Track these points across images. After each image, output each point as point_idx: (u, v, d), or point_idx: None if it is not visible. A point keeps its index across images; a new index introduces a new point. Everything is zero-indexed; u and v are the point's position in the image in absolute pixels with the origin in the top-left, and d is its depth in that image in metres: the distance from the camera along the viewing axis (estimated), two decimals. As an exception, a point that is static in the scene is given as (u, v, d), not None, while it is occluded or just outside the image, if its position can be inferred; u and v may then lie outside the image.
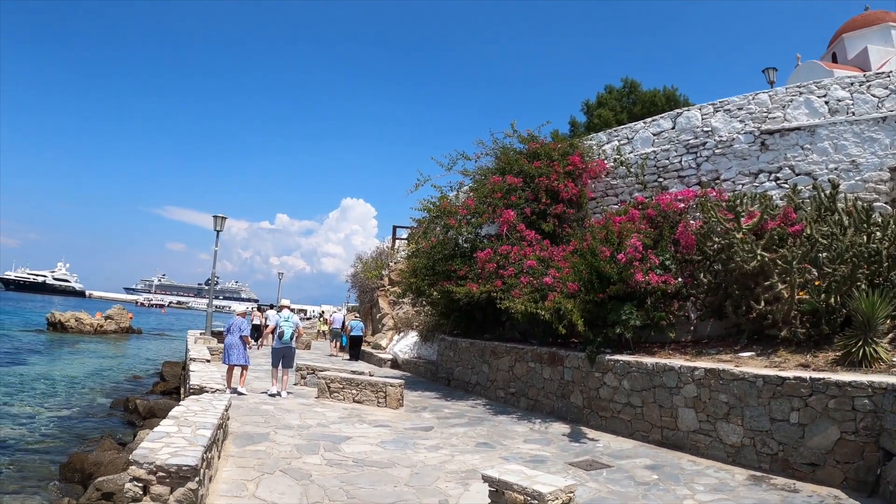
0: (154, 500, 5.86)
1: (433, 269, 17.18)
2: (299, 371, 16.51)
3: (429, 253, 17.29)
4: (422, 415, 12.90)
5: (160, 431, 7.08)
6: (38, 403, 21.38)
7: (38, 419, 18.87)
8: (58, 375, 28.52)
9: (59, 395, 23.36)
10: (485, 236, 16.84)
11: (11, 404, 20.80)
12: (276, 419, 11.37)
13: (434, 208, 17.35)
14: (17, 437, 16.36)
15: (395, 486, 7.46)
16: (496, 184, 16.47)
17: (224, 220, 26.66)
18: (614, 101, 39.69)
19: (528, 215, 16.05)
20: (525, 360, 14.19)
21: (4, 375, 27.21)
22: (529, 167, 16.66)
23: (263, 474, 7.68)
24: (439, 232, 17.27)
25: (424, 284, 17.61)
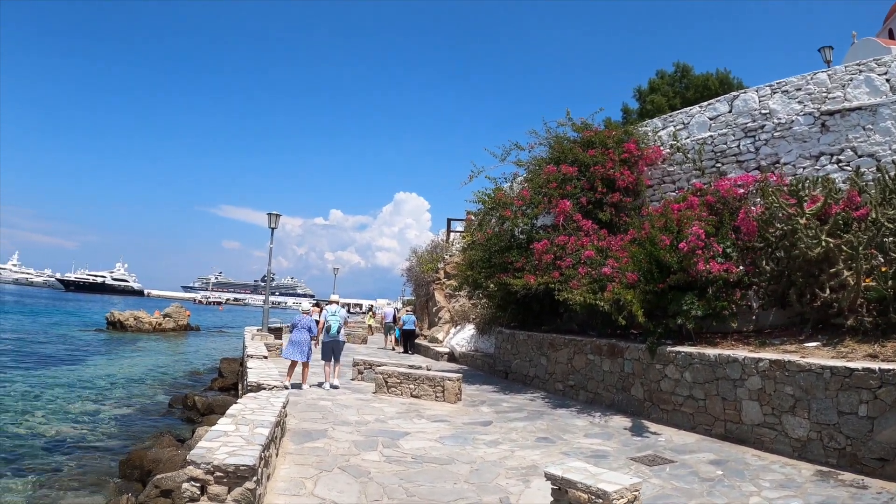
0: (211, 500, 5.89)
1: (489, 261, 17.07)
2: (356, 366, 16.60)
3: (485, 245, 17.20)
4: (480, 409, 12.85)
5: (218, 430, 7.12)
6: (99, 401, 21.85)
7: (98, 417, 19.27)
8: (118, 373, 29.15)
9: (119, 393, 23.86)
10: (541, 227, 16.69)
11: (73, 403, 21.28)
12: (333, 415, 11.43)
13: (489, 200, 17.21)
14: (77, 436, 16.72)
15: (454, 483, 7.41)
16: (551, 173, 16.28)
17: (278, 217, 26.91)
18: (666, 87, 39.13)
19: (584, 205, 15.83)
20: (584, 352, 14.03)
21: (66, 375, 27.88)
22: (584, 156, 16.43)
23: (322, 472, 7.68)
24: (495, 224, 17.13)
25: (481, 277, 17.50)
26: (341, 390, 14.56)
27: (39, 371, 28.45)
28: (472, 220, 19.44)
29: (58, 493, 12.01)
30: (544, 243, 15.07)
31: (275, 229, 26.94)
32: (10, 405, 20.02)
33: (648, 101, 37.79)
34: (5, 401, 20.67)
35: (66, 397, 22.20)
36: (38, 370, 28.69)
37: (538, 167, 17.41)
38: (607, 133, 17.16)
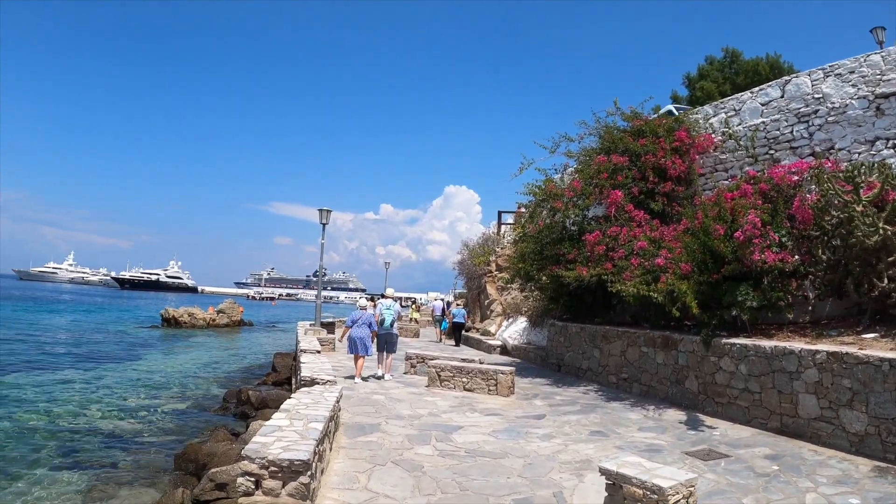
0: (266, 495, 6.00)
1: (541, 253, 16.99)
2: (409, 360, 16.72)
3: (536, 237, 17.14)
4: (533, 402, 12.86)
5: (272, 425, 7.26)
6: (154, 396, 22.34)
7: (153, 411, 19.67)
8: (172, 369, 29.76)
9: (174, 388, 24.38)
10: (592, 218, 16.59)
11: (128, 398, 21.79)
12: (387, 409, 11.52)
13: (540, 192, 17.14)
14: (133, 430, 17.11)
15: (508, 477, 7.43)
16: (601, 164, 16.15)
17: (329, 213, 27.08)
18: (716, 73, 38.50)
19: (635, 195, 15.70)
20: (637, 344, 13.95)
21: (122, 370, 28.57)
22: (635, 145, 16.28)
23: (375, 466, 7.75)
24: (546, 215, 17.06)
25: (533, 269, 17.46)
26: (394, 384, 14.71)
27: (96, 367, 29.19)
28: (524, 213, 19.40)
29: (114, 487, 12.28)
30: (596, 234, 14.98)
31: (326, 225, 27.14)
32: (68, 401, 20.59)
33: (698, 87, 37.26)
34: (63, 396, 21.28)
35: (122, 393, 22.76)
36: (94, 366, 29.44)
37: (588, 158, 17.28)
38: (658, 121, 16.97)
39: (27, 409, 19.01)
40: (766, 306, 11.38)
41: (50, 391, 22.19)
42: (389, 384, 14.64)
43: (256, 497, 6.00)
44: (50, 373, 26.48)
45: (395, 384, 14.72)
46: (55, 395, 21.56)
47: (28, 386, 22.89)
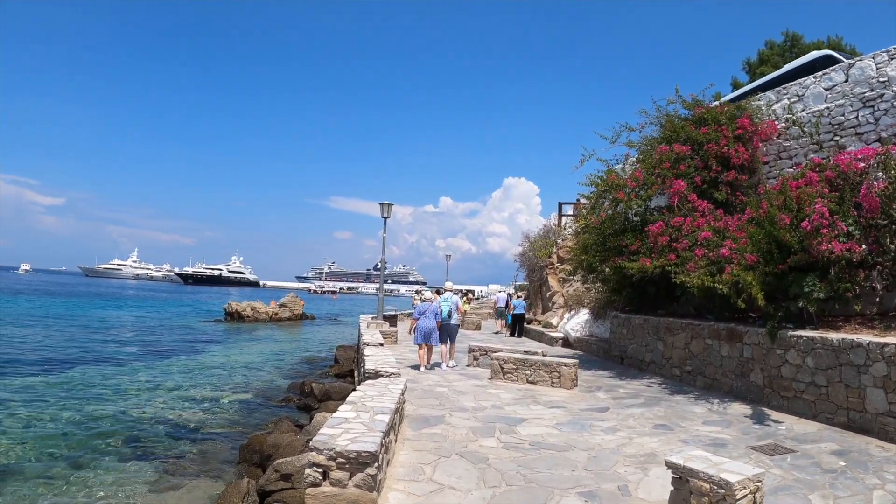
0: (333, 485, 6.10)
1: (604, 244, 16.86)
2: (472, 352, 16.83)
3: (598, 228, 16.98)
4: (596, 395, 12.88)
5: (339, 417, 7.38)
6: (219, 388, 22.93)
7: (218, 403, 20.21)
8: (236, 361, 30.46)
9: (238, 380, 24.95)
10: (655, 209, 16.45)
11: (194, 389, 22.41)
12: (450, 401, 11.65)
13: (601, 182, 17.04)
14: (199, 421, 17.58)
15: (572, 470, 7.48)
16: (663, 153, 16.01)
17: (390, 206, 27.27)
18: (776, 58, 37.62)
19: (698, 184, 15.51)
20: (701, 336, 13.84)
21: (187, 363, 29.37)
22: (697, 134, 16.10)
23: (440, 458, 7.85)
24: (608, 206, 16.94)
25: (595, 261, 17.37)
26: (457, 376, 14.86)
27: (162, 360, 30.05)
28: (585, 204, 19.31)
29: (180, 476, 12.70)
30: (659, 225, 14.85)
31: (387, 218, 27.38)
32: (135, 393, 21.28)
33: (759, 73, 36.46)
34: (130, 388, 21.96)
35: (187, 385, 23.41)
36: (160, 359, 30.32)
37: (650, 147, 17.17)
38: (719, 109, 16.72)
39: (95, 400, 19.73)
40: (833, 298, 11.20)
41: (117, 383, 22.93)
42: (452, 376, 14.80)
43: (323, 487, 6.12)
44: (116, 366, 27.39)
45: (458, 376, 14.86)
46: (122, 387, 22.29)
47: (96, 379, 23.71)
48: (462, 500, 6.44)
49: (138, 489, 11.95)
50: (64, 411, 17.93)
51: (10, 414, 17.29)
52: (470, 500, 6.44)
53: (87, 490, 11.85)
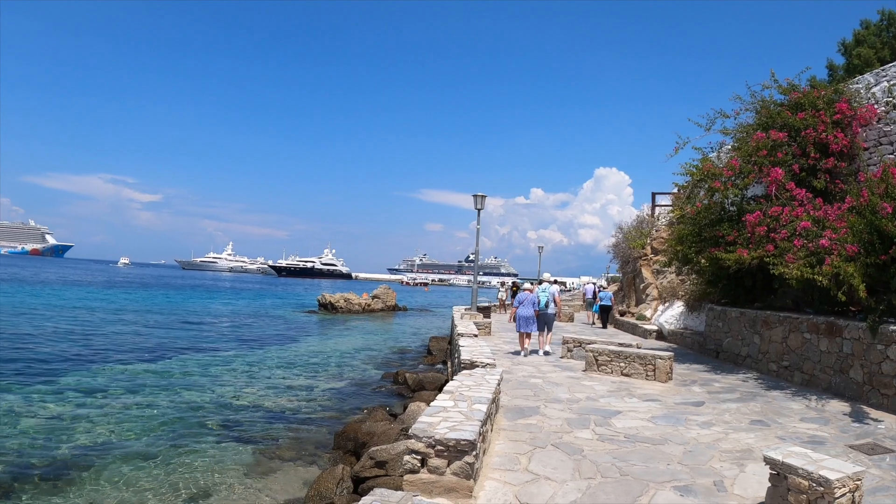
0: (431, 472, 6.22)
1: (700, 235, 16.64)
2: (565, 344, 16.87)
3: (694, 219, 16.75)
4: (691, 389, 12.78)
5: (437, 406, 7.53)
6: (313, 377, 23.49)
7: (312, 391, 20.71)
8: (330, 351, 31.09)
9: (332, 369, 25.47)
10: (751, 198, 16.08)
11: (289, 378, 23.02)
12: (545, 392, 11.74)
13: (697, 171, 16.77)
14: (294, 408, 18.08)
15: (668, 464, 7.48)
16: (760, 140, 15.63)
17: (484, 198, 27.43)
18: (873, 38, 36.04)
19: (796, 172, 15.13)
20: (799, 330, 13.54)
21: (282, 353, 30.13)
22: (793, 119, 15.69)
23: (535, 448, 7.92)
24: (704, 196, 16.68)
25: (691, 252, 17.11)
26: (551, 368, 14.94)
27: (258, 349, 30.96)
28: (680, 194, 19.05)
29: (276, 460, 13.11)
30: (756, 215, 14.53)
31: (481, 210, 27.54)
32: (232, 380, 21.99)
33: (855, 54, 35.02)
34: (227, 377, 22.72)
35: (282, 373, 24.09)
36: (256, 349, 31.26)
37: (745, 134, 16.80)
38: (816, 93, 16.20)
39: (193, 388, 20.48)
40: (940, 291, 10.83)
41: (214, 372, 23.77)
42: (546, 368, 14.90)
43: (421, 475, 6.25)
44: (213, 355, 28.34)
45: (553, 368, 14.95)
46: (219, 375, 23.08)
47: (194, 367, 24.59)
48: (557, 490, 6.51)
49: (235, 471, 12.42)
50: (163, 398, 18.69)
51: (112, 400, 18.12)
52: (565, 490, 6.50)
53: (186, 470, 12.38)
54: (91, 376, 21.49)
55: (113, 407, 17.23)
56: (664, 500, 6.27)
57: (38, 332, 32.84)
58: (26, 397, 17.78)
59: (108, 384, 20.26)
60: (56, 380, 20.53)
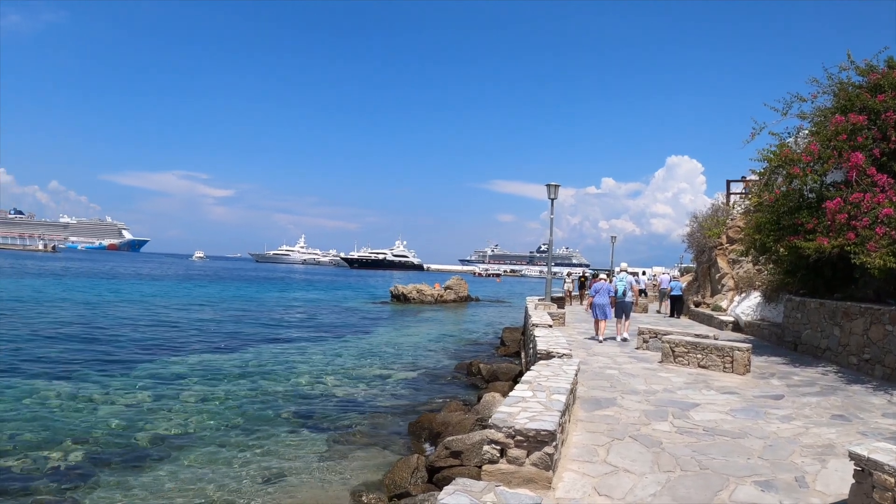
0: (510, 463, 6.26)
1: (778, 223, 16.26)
2: (641, 335, 16.84)
3: (772, 206, 16.35)
4: (770, 382, 12.64)
5: (516, 396, 7.60)
6: (387, 366, 23.77)
7: (386, 381, 20.97)
8: (404, 342, 31.40)
9: (406, 360, 25.69)
10: (831, 184, 15.65)
11: (363, 368, 23.36)
12: (621, 384, 11.77)
13: (774, 157, 16.39)
14: (368, 397, 18.35)
15: (748, 458, 7.43)
16: (839, 124, 15.12)
17: (557, 187, 27.44)
18: (953, 14, 34.64)
19: (877, 157, 14.59)
20: (881, 322, 13.21)
21: (355, 343, 30.57)
22: (873, 102, 15.08)
23: (613, 440, 7.95)
24: (781, 183, 16.30)
25: (770, 240, 16.79)
26: (627, 359, 14.98)
27: (332, 340, 31.45)
28: (757, 181, 18.69)
29: (350, 448, 13.29)
30: (837, 202, 14.06)
31: (554, 200, 27.54)
32: (306, 370, 22.38)
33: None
34: (301, 366, 23.17)
35: (356, 363, 24.46)
36: (330, 339, 31.74)
37: (823, 118, 16.27)
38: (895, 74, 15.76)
39: (269, 377, 20.93)
40: None
41: (289, 361, 24.23)
42: (622, 359, 14.93)
43: (500, 465, 6.30)
44: (288, 345, 28.89)
45: (628, 359, 14.97)
46: (293, 364, 23.52)
47: (269, 357, 25.10)
48: (636, 483, 6.54)
49: (310, 458, 12.64)
50: (238, 387, 19.13)
51: (188, 388, 18.64)
52: (644, 483, 6.53)
53: (262, 456, 12.71)
54: (168, 366, 22.17)
55: (190, 395, 17.76)
56: (745, 496, 6.25)
57: (116, 323, 33.97)
58: (105, 386, 18.43)
59: (185, 373, 20.88)
60: (134, 369, 21.24)
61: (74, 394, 17.23)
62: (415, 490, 9.88)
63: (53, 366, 21.09)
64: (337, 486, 11.17)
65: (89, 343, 26.51)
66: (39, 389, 17.49)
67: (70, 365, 21.42)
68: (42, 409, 15.52)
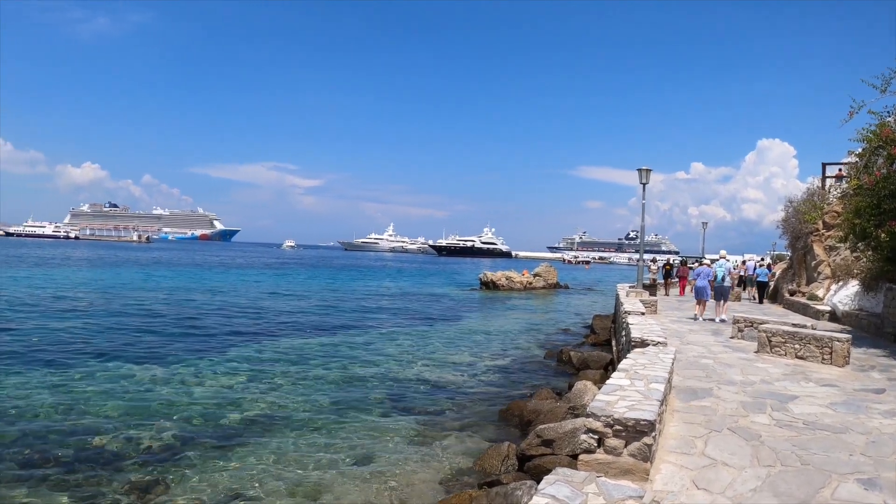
0: (608, 453, 6.21)
1: (878, 207, 15.66)
2: (736, 324, 16.55)
3: (872, 189, 15.73)
4: (870, 374, 12.26)
5: (613, 384, 7.58)
6: (476, 353, 24.00)
7: (476, 367, 21.21)
8: (493, 328, 31.65)
9: (495, 347, 25.87)
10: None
11: (453, 354, 23.69)
12: (717, 374, 11.59)
13: (874, 137, 15.87)
14: (458, 383, 18.60)
15: (850, 454, 7.23)
16: (945, 99, 14.62)
17: (649, 172, 27.11)
18: None
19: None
20: None
21: (445, 329, 31.06)
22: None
23: (711, 432, 7.82)
24: (882, 164, 15.76)
25: (870, 226, 16.26)
26: (722, 348, 14.79)
27: (422, 326, 31.99)
28: (856, 163, 18.05)
29: (440, 433, 13.50)
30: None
31: (645, 185, 27.24)
32: (396, 355, 22.90)
33: None
34: (391, 351, 23.73)
35: (446, 349, 24.78)
36: (420, 325, 32.32)
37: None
38: None
39: (359, 361, 21.52)
40: None
41: (379, 347, 24.80)
42: (717, 348, 14.75)
43: (597, 455, 6.25)
44: (378, 331, 29.53)
45: (723, 348, 14.75)
46: (383, 350, 24.08)
47: (360, 342, 25.80)
48: (736, 477, 6.44)
49: (400, 442, 12.94)
50: (329, 371, 19.65)
51: (279, 372, 19.23)
52: (744, 477, 6.43)
53: (352, 438, 13.04)
54: (260, 351, 22.92)
55: (281, 379, 18.33)
56: (847, 493, 6.10)
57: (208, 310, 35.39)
58: (198, 369, 19.23)
59: (276, 358, 21.56)
60: (226, 353, 22.08)
61: (168, 377, 18.03)
62: (505, 478, 9.88)
63: (148, 349, 22.14)
64: (426, 471, 11.34)
65: (182, 328, 27.68)
66: (135, 372, 18.36)
67: (163, 348, 22.49)
68: (137, 391, 16.31)
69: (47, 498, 9.91)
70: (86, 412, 14.28)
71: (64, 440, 12.41)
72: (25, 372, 17.80)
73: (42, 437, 12.55)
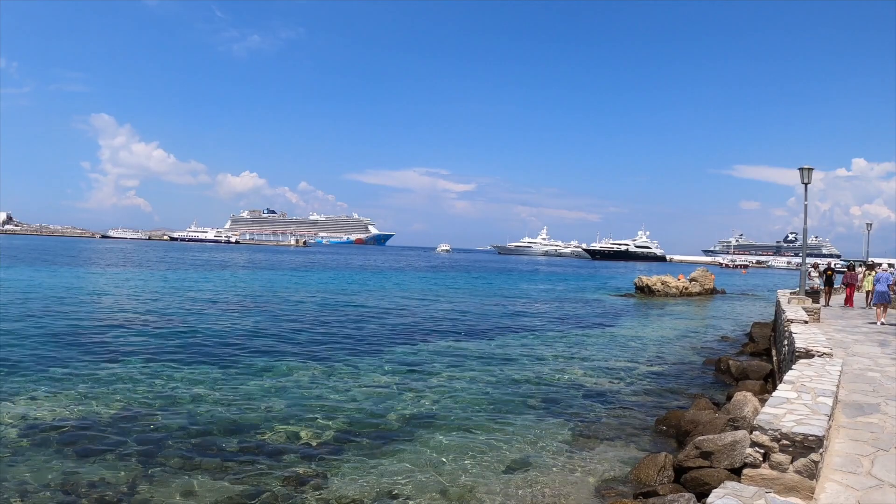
0: (773, 468, 6.03)
1: None
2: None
3: None
4: None
5: (780, 397, 7.38)
6: (632, 360, 23.51)
7: (631, 374, 20.77)
8: (648, 335, 30.97)
9: (651, 354, 25.30)
10: None
11: (608, 360, 23.32)
12: (884, 388, 11.00)
13: None
14: (613, 389, 18.28)
15: None
16: None
17: (811, 171, 25.73)
18: None
19: None
20: None
21: (600, 335, 30.60)
22: None
23: (878, 450, 7.43)
24: None
25: None
26: (889, 361, 13.98)
27: (576, 331, 31.73)
28: None
29: (594, 440, 13.31)
30: None
31: (808, 185, 26.03)
32: (551, 359, 22.82)
33: None
34: (546, 355, 23.65)
35: (600, 354, 24.47)
36: (574, 330, 32.06)
37: None
38: None
39: (514, 364, 21.56)
40: None
41: (534, 350, 24.76)
42: (885, 360, 13.99)
43: (762, 469, 6.09)
44: (533, 335, 29.59)
45: (891, 361, 13.96)
46: (539, 353, 24.05)
47: (514, 345, 25.85)
48: None
49: (553, 446, 12.78)
50: (484, 373, 19.76)
51: (435, 373, 19.56)
52: None
53: (505, 441, 12.99)
54: (416, 352, 23.39)
55: (436, 380, 18.61)
56: None
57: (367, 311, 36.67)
58: (356, 368, 19.82)
59: (431, 359, 21.95)
60: (383, 354, 22.68)
61: (328, 375, 18.69)
62: (662, 490, 9.65)
63: (309, 348, 23.12)
64: (580, 478, 11.21)
65: (342, 328, 28.78)
66: (296, 370, 19.18)
67: (323, 347, 23.42)
68: (297, 389, 16.95)
69: (209, 483, 10.46)
70: (248, 407, 15.00)
71: (226, 430, 13.14)
72: (193, 366, 19.18)
73: (206, 427, 13.32)
